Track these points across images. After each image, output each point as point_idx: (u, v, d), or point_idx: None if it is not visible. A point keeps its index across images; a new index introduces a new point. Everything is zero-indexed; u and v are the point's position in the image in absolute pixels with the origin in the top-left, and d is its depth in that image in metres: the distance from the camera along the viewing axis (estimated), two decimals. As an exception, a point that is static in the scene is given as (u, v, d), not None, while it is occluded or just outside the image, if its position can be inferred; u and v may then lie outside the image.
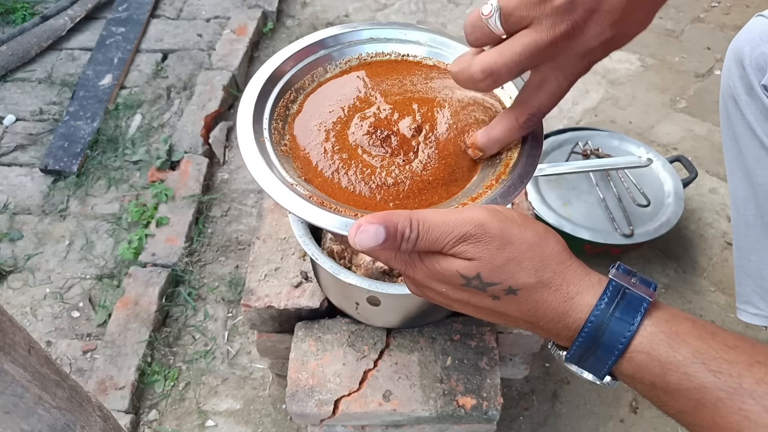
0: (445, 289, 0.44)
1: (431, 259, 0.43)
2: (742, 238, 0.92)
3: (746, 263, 0.93)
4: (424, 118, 0.59)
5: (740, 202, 0.90)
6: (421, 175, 0.55)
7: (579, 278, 0.42)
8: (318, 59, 0.64)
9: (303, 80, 0.63)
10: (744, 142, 0.84)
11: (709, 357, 0.38)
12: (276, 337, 0.97)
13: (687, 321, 0.41)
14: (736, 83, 0.82)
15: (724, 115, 0.88)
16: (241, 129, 0.55)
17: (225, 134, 1.62)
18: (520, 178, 0.52)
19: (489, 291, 0.42)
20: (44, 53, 1.83)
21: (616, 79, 1.76)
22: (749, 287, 0.94)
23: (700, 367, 0.38)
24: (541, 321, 0.43)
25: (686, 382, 0.38)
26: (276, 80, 0.61)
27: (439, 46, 0.66)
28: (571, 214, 1.28)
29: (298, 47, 0.63)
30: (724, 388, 0.37)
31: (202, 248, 1.40)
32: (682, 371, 0.38)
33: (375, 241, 0.41)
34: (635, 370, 0.40)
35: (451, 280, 0.43)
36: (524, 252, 0.41)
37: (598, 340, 0.41)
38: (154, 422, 1.13)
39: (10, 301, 1.31)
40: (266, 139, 0.55)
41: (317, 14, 2.00)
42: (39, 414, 0.56)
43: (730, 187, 0.93)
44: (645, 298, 0.41)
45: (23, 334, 0.55)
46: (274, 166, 0.52)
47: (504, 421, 1.12)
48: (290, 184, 0.51)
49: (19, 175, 1.55)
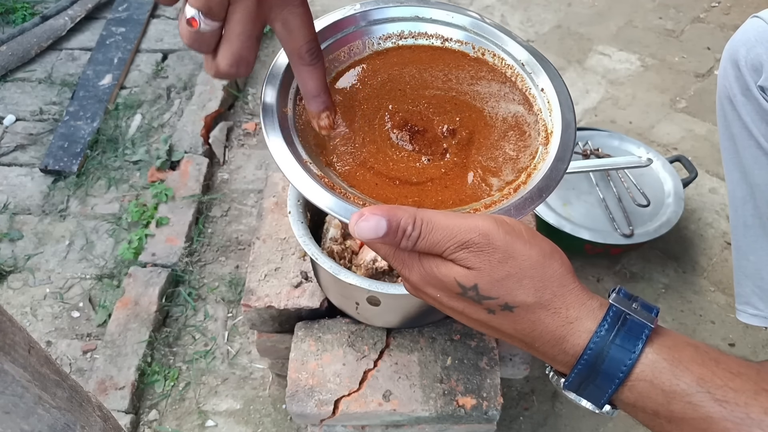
0: (440, 296, 0.43)
1: (430, 261, 0.42)
2: (740, 238, 0.92)
3: (745, 263, 0.93)
4: (462, 124, 0.56)
5: (738, 203, 0.90)
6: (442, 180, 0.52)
7: (580, 302, 0.41)
8: (356, 32, 0.60)
9: (338, 53, 0.59)
10: (741, 142, 0.84)
11: (714, 385, 0.37)
12: (276, 337, 0.97)
13: (689, 347, 0.39)
14: (732, 84, 0.82)
15: (721, 115, 0.88)
16: (266, 96, 0.52)
17: (225, 134, 1.62)
18: (539, 191, 0.50)
19: (484, 304, 0.41)
20: (44, 53, 1.83)
21: (616, 79, 1.76)
22: (748, 288, 0.94)
23: (705, 396, 0.36)
24: (537, 342, 0.42)
25: (691, 412, 0.37)
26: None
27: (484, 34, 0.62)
28: (571, 214, 1.28)
29: (337, 17, 0.59)
30: (731, 418, 0.36)
31: (202, 248, 1.40)
32: (686, 400, 0.37)
33: (375, 233, 0.40)
34: (637, 398, 0.39)
35: (447, 286, 0.41)
36: (526, 269, 0.40)
37: (598, 368, 0.39)
38: (154, 422, 1.13)
39: (10, 301, 1.31)
40: (289, 109, 0.53)
41: (317, 14, 1.98)
42: (39, 414, 0.56)
43: (728, 188, 0.93)
44: (646, 324, 0.40)
45: (23, 334, 0.55)
46: (292, 142, 0.50)
47: (504, 421, 1.12)
48: (304, 161, 0.49)
49: (19, 175, 1.55)
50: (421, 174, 0.53)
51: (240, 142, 1.63)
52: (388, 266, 0.82)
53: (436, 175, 0.53)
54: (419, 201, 0.51)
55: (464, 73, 0.60)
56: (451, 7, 0.63)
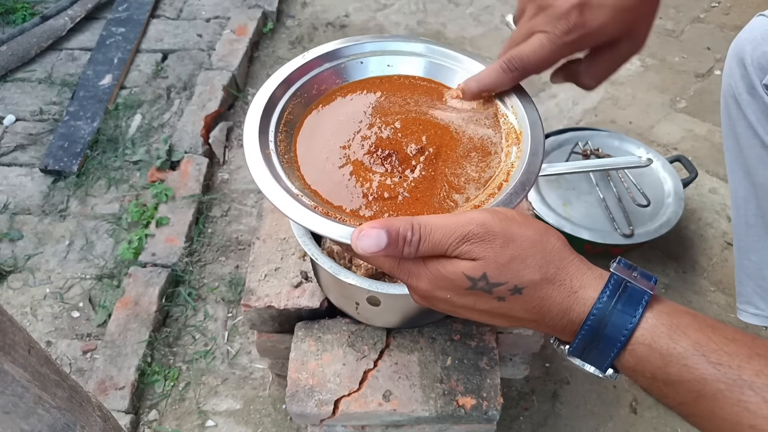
0: (450, 296, 0.43)
1: (435, 263, 0.43)
2: (742, 237, 0.92)
3: (747, 263, 0.93)
4: (429, 141, 0.60)
5: (741, 202, 0.90)
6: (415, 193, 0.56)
7: (581, 273, 0.43)
8: (324, 72, 0.65)
9: (309, 93, 0.64)
10: (745, 141, 0.84)
11: (710, 349, 0.38)
12: (276, 337, 0.97)
13: (687, 314, 0.41)
14: (737, 83, 0.82)
15: (725, 114, 0.88)
16: (247, 140, 0.56)
17: (225, 134, 1.62)
18: (522, 185, 0.53)
19: (495, 292, 0.42)
20: (44, 53, 1.83)
21: (616, 79, 1.76)
22: (749, 287, 0.94)
23: (701, 359, 0.38)
24: (546, 318, 0.43)
25: (686, 374, 0.38)
26: (282, 93, 0.62)
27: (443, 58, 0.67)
28: (571, 214, 1.28)
29: (304, 60, 0.64)
30: (723, 379, 0.37)
31: (202, 248, 1.40)
32: (682, 363, 0.38)
33: (377, 246, 0.41)
34: (637, 362, 0.41)
35: (457, 283, 0.42)
36: (527, 249, 0.42)
37: (601, 333, 0.41)
38: (154, 422, 1.13)
39: (10, 301, 1.31)
40: (272, 151, 0.57)
41: (317, 14, 2.00)
42: (39, 414, 0.56)
43: (730, 187, 0.93)
44: (646, 291, 0.41)
45: (23, 334, 0.55)
46: (281, 178, 0.53)
47: (504, 421, 1.12)
48: (295, 194, 0.52)
49: (19, 175, 1.55)
50: (393, 190, 0.56)
51: (240, 142, 1.63)
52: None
53: (407, 189, 0.56)
54: (394, 215, 0.54)
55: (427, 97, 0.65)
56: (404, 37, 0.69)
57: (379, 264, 0.45)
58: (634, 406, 1.13)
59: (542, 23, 0.52)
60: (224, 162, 1.58)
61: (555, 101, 1.70)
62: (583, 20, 0.51)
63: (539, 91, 1.74)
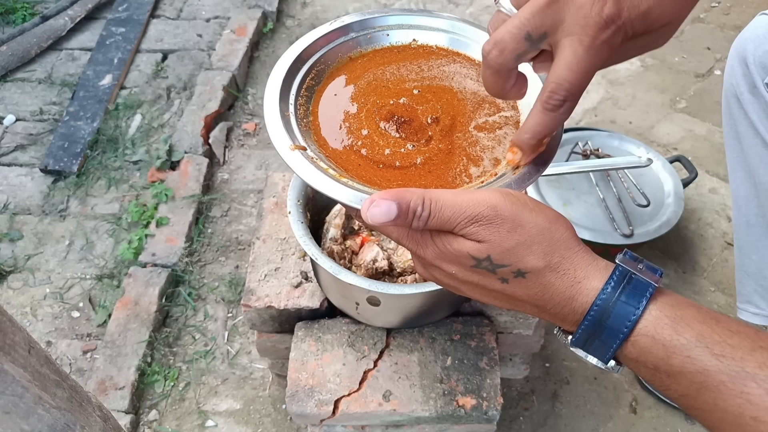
0: (455, 270, 0.44)
1: (442, 238, 0.43)
2: (743, 237, 0.92)
3: (747, 262, 0.93)
4: (444, 110, 0.60)
5: (742, 202, 0.90)
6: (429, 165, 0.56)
7: (587, 263, 0.42)
8: (346, 42, 0.66)
9: (330, 61, 0.65)
10: (746, 141, 0.84)
11: (713, 341, 0.38)
12: (276, 337, 0.97)
13: (691, 307, 0.41)
14: (739, 81, 0.81)
15: (726, 113, 0.88)
16: (268, 103, 0.56)
17: (225, 134, 1.62)
18: (536, 166, 0.52)
19: (498, 273, 0.42)
20: (44, 53, 1.83)
21: (616, 79, 1.76)
22: (750, 286, 0.94)
23: (704, 350, 0.38)
24: (548, 305, 0.43)
25: (689, 366, 0.38)
26: (304, 60, 0.62)
27: (462, 33, 0.67)
28: (571, 214, 1.28)
29: (327, 30, 0.64)
30: (726, 371, 0.37)
31: (202, 248, 1.40)
32: (685, 354, 0.38)
33: (387, 217, 0.42)
34: (639, 353, 0.40)
35: (462, 260, 0.43)
36: (534, 236, 0.42)
37: (604, 324, 0.41)
38: (154, 422, 1.13)
39: (10, 301, 1.31)
40: (291, 113, 0.57)
41: (317, 14, 2.00)
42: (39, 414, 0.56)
43: (731, 186, 0.93)
44: (651, 284, 0.41)
45: (23, 334, 0.55)
46: (297, 140, 0.54)
47: (504, 421, 1.12)
48: (311, 158, 0.53)
49: (19, 175, 1.55)
50: (405, 159, 0.56)
51: (240, 142, 1.63)
52: (388, 266, 0.82)
53: (421, 161, 0.56)
54: (402, 185, 0.54)
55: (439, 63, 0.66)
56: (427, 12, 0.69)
57: (386, 232, 0.45)
58: (634, 406, 1.13)
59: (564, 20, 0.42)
60: (224, 162, 1.58)
61: (555, 101, 1.70)
62: (620, 8, 0.42)
63: (539, 91, 1.74)
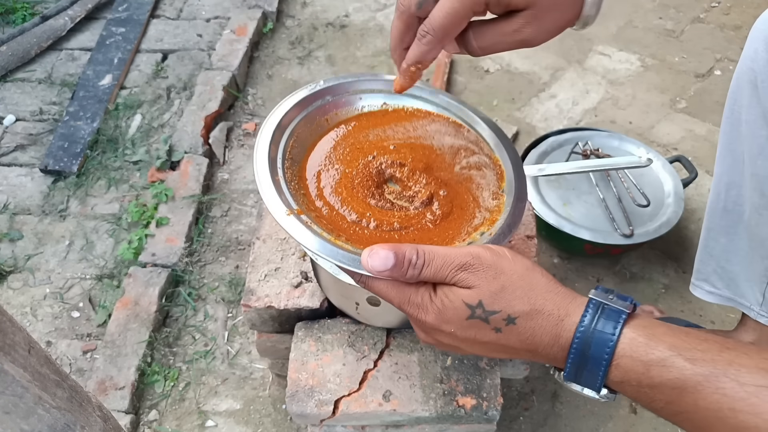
0: (454, 329, 0.47)
1: (439, 293, 0.47)
2: (715, 221, 0.93)
3: (713, 244, 0.95)
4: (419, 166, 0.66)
5: (722, 188, 0.91)
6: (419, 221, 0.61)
7: (567, 302, 0.46)
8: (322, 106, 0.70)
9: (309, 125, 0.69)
10: (750, 129, 0.81)
11: (684, 349, 0.42)
12: (276, 337, 0.97)
13: (662, 326, 0.45)
14: (761, 66, 0.77)
15: (732, 99, 0.85)
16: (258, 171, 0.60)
17: (225, 134, 1.62)
18: (508, 227, 0.60)
19: (492, 322, 0.46)
20: (44, 53, 1.83)
21: (616, 79, 1.76)
22: (710, 266, 0.96)
23: (677, 358, 0.42)
24: (539, 347, 0.47)
25: (667, 374, 0.42)
26: (284, 128, 0.66)
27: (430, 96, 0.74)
28: (571, 214, 1.28)
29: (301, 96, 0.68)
30: (701, 372, 0.41)
31: (202, 248, 1.40)
32: (661, 365, 0.42)
33: (384, 265, 0.46)
34: (623, 375, 0.44)
35: (459, 313, 0.47)
36: (516, 281, 0.46)
37: (587, 354, 0.44)
38: (154, 422, 1.13)
39: (10, 301, 1.31)
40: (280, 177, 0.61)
41: (317, 14, 2.00)
42: (39, 414, 0.56)
43: (715, 171, 0.93)
44: (622, 311, 0.45)
45: (23, 334, 0.55)
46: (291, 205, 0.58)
47: (504, 421, 1.12)
48: (306, 222, 0.56)
49: (19, 175, 1.55)
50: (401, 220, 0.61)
51: (240, 142, 1.63)
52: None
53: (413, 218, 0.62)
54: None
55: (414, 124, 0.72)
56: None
57: (390, 297, 0.49)
58: (634, 406, 1.13)
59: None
60: (224, 162, 1.58)
61: (555, 101, 1.70)
62: None
63: (539, 92, 1.74)
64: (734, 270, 0.93)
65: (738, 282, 0.93)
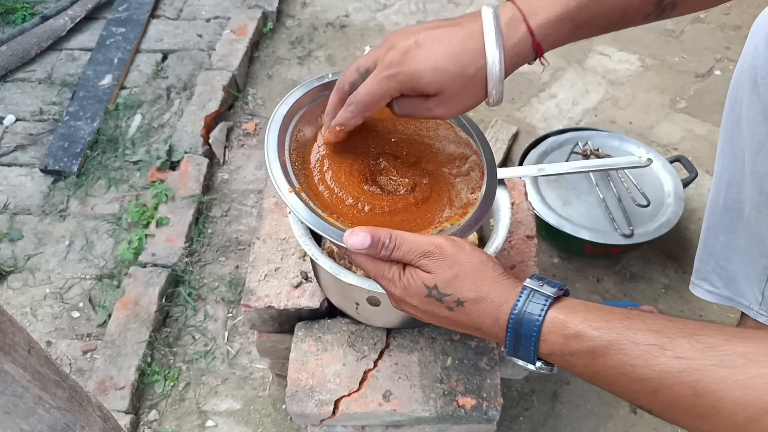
0: (416, 302, 0.56)
1: (405, 274, 0.56)
2: (715, 219, 0.93)
3: (713, 242, 0.95)
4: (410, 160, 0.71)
5: (723, 185, 0.91)
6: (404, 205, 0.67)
7: (508, 291, 0.54)
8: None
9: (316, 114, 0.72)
10: (750, 126, 0.81)
11: (594, 321, 0.50)
12: (276, 337, 0.97)
13: (582, 305, 0.52)
14: (761, 63, 0.77)
15: (732, 95, 0.85)
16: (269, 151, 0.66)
17: (225, 134, 1.62)
18: (475, 221, 0.68)
19: (445, 302, 0.55)
20: (44, 53, 1.83)
21: (616, 79, 1.76)
22: (710, 265, 0.96)
23: (587, 327, 0.49)
24: (483, 327, 0.54)
25: (581, 343, 0.49)
26: (293, 114, 0.71)
27: None
28: (571, 214, 1.28)
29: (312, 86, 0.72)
30: (606, 337, 0.48)
31: (202, 248, 1.40)
32: (576, 337, 0.49)
33: (361, 244, 0.55)
34: (550, 348, 0.51)
35: (419, 290, 0.55)
36: (468, 272, 0.54)
37: (520, 332, 0.52)
38: (154, 422, 1.13)
39: (10, 301, 1.31)
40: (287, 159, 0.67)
41: (317, 14, 2.00)
42: (39, 414, 0.56)
43: (716, 169, 0.92)
44: (549, 295, 0.52)
45: (23, 334, 0.55)
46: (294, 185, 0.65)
47: (504, 421, 1.12)
48: (305, 200, 0.64)
49: (19, 175, 1.55)
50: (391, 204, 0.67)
51: (240, 142, 1.63)
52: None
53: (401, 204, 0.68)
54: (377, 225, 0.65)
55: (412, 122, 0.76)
56: None
57: (367, 270, 0.58)
58: (633, 406, 1.13)
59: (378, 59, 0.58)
60: (224, 162, 1.58)
61: (555, 101, 1.70)
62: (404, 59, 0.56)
63: (539, 92, 1.74)
64: (733, 269, 0.93)
65: (737, 281, 0.93)
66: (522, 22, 0.56)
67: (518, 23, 0.56)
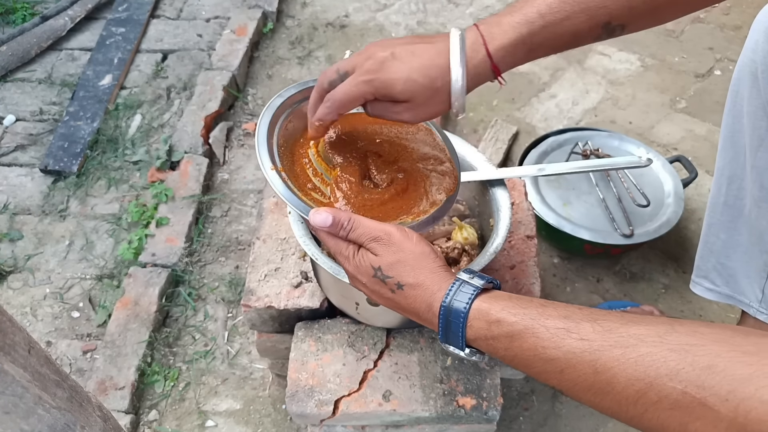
0: (366, 281, 0.62)
1: (358, 255, 0.62)
2: (716, 216, 0.93)
3: (714, 240, 0.94)
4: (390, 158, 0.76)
5: (724, 181, 0.91)
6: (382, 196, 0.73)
7: (442, 281, 0.59)
8: None
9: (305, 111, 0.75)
10: (751, 121, 0.81)
11: (510, 306, 0.54)
12: (276, 337, 0.97)
13: (505, 295, 0.57)
14: (761, 58, 0.77)
15: (733, 91, 0.85)
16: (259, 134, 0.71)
17: (225, 134, 1.62)
18: (433, 218, 0.72)
19: (388, 283, 0.60)
20: (44, 53, 1.83)
21: (616, 79, 1.76)
22: (710, 263, 0.96)
23: (505, 313, 0.54)
24: (420, 311, 0.59)
25: (501, 328, 0.54)
26: (287, 107, 0.75)
27: None
28: (571, 214, 1.28)
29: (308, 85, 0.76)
30: (522, 323, 0.53)
31: (202, 248, 1.40)
32: (497, 323, 0.54)
33: (324, 222, 0.61)
34: (476, 334, 0.56)
35: (367, 270, 0.61)
36: (410, 260, 0.60)
37: (449, 320, 0.57)
38: (154, 422, 1.14)
39: (10, 301, 1.31)
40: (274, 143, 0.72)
41: (317, 14, 2.00)
42: (39, 414, 0.56)
43: (717, 165, 0.92)
44: (477, 286, 0.57)
45: (23, 334, 0.55)
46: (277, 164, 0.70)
47: (504, 421, 1.12)
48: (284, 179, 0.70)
49: (19, 175, 1.55)
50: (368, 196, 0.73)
51: (240, 142, 1.63)
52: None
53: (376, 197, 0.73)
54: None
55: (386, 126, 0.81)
56: None
57: (328, 244, 0.64)
58: (634, 406, 1.13)
59: (357, 65, 0.64)
60: (224, 162, 1.58)
61: (555, 101, 1.70)
62: (380, 68, 0.62)
63: (539, 92, 1.74)
64: (734, 266, 0.93)
65: (737, 279, 0.93)
66: (482, 46, 0.63)
67: (479, 47, 0.63)
